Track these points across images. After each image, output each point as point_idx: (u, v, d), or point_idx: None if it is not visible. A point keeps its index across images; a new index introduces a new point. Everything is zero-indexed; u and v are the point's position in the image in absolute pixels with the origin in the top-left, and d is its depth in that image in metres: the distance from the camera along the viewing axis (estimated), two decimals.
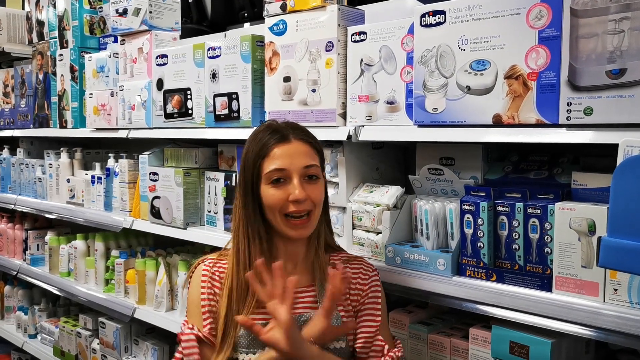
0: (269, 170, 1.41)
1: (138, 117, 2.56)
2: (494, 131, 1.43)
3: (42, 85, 3.30)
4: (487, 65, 1.43)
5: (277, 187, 1.41)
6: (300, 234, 1.43)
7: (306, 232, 1.44)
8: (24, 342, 3.47)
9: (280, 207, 1.41)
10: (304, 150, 1.43)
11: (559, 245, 1.36)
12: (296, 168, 1.41)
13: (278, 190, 1.41)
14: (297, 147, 1.43)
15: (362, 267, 1.54)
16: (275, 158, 1.41)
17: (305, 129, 1.50)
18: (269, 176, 1.41)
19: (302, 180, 1.41)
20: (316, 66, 1.83)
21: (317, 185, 1.44)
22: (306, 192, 1.40)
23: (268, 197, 1.41)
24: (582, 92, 1.27)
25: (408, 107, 1.64)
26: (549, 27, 1.33)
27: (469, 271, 1.52)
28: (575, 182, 1.42)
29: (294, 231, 1.42)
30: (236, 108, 2.10)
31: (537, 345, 1.39)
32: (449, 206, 1.60)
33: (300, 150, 1.43)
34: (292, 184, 1.40)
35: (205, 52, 2.21)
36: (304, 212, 1.41)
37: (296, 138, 1.44)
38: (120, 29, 2.63)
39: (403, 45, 1.65)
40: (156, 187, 2.44)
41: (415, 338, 1.68)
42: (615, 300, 1.28)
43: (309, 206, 1.42)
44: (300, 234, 1.43)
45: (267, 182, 1.41)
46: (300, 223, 1.42)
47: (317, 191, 1.43)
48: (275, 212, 1.41)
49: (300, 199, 1.39)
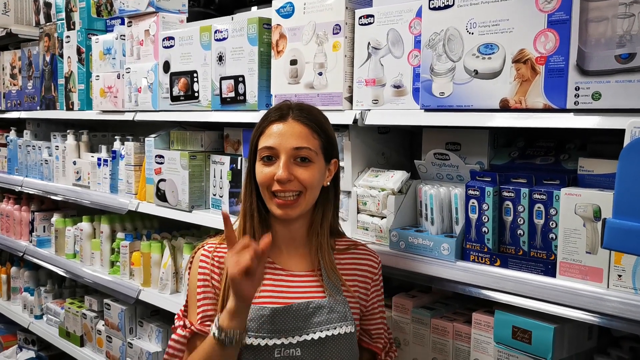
0: (260, 147, 1.43)
1: (144, 100, 2.56)
2: (501, 116, 1.42)
3: (49, 67, 3.30)
4: (495, 49, 1.42)
5: (267, 164, 1.42)
6: (285, 213, 1.40)
7: (292, 212, 1.41)
8: (30, 323, 3.51)
9: (267, 185, 1.41)
10: (298, 131, 1.41)
11: (563, 231, 1.36)
12: (285, 148, 1.39)
13: (267, 167, 1.41)
14: (292, 127, 1.41)
15: (371, 256, 1.55)
16: (268, 136, 1.42)
17: (313, 111, 1.47)
18: (260, 153, 1.43)
19: (290, 162, 1.40)
20: (323, 49, 1.82)
21: (308, 168, 1.41)
22: (294, 174, 1.39)
23: (258, 174, 1.43)
24: (590, 76, 1.26)
25: (415, 91, 1.64)
26: (559, 10, 1.32)
27: (473, 256, 1.52)
28: (582, 168, 1.41)
29: (279, 210, 1.41)
30: (242, 91, 2.10)
31: (539, 331, 1.39)
32: (454, 191, 1.60)
33: (295, 130, 1.41)
34: (278, 164, 1.40)
35: (212, 34, 2.21)
36: (289, 192, 1.40)
37: (295, 118, 1.42)
38: (127, 11, 2.62)
39: (411, 28, 1.63)
40: (162, 170, 2.45)
41: (418, 322, 1.68)
42: (619, 287, 1.28)
43: (296, 187, 1.40)
44: (286, 213, 1.40)
45: (259, 159, 1.43)
46: (284, 203, 1.40)
47: (306, 174, 1.40)
48: (264, 189, 1.43)
49: (282, 179, 1.38)
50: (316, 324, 1.40)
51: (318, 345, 1.39)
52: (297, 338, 1.39)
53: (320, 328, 1.40)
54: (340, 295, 1.45)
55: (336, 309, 1.43)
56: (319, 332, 1.39)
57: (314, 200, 1.46)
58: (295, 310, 1.40)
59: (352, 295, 1.49)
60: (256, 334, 1.38)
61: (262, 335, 1.38)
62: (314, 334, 1.39)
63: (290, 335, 1.38)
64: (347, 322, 1.43)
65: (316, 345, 1.39)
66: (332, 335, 1.40)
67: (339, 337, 1.41)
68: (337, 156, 1.51)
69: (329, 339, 1.40)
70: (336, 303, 1.44)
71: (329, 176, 1.49)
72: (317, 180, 1.43)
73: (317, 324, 1.40)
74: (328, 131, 1.47)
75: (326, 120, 1.50)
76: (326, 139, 1.46)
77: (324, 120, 1.48)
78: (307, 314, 1.40)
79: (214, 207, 2.35)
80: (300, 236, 1.50)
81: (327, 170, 1.48)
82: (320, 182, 1.45)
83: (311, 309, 1.41)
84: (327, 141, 1.46)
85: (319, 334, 1.39)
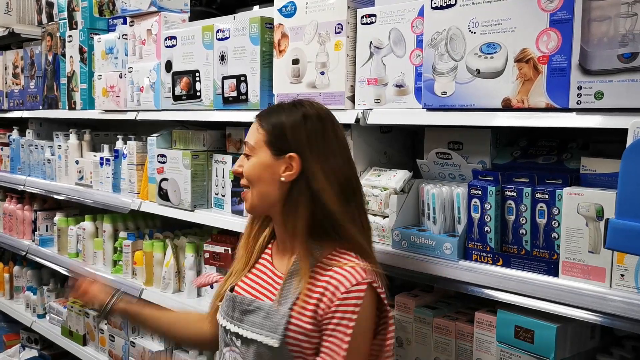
0: None
1: (146, 99, 2.56)
2: (503, 115, 1.42)
3: (51, 67, 3.30)
4: (497, 48, 1.42)
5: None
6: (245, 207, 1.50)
7: (247, 206, 1.48)
8: (33, 322, 3.52)
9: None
10: (251, 129, 1.48)
11: (566, 231, 1.36)
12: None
13: None
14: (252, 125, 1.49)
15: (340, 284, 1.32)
16: None
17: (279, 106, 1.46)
18: None
19: (243, 158, 1.48)
20: (325, 49, 1.82)
21: (249, 162, 1.45)
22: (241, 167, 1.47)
23: None
24: (593, 76, 1.26)
25: (417, 91, 1.64)
26: (561, 10, 1.31)
27: (476, 255, 1.52)
28: (584, 168, 1.41)
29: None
30: (244, 90, 2.10)
31: (542, 330, 1.39)
32: (457, 190, 1.60)
33: (250, 128, 1.48)
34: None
35: (214, 34, 2.21)
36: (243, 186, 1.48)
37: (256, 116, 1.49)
38: (129, 10, 2.62)
39: (413, 27, 1.63)
40: (164, 169, 2.45)
41: (420, 322, 1.68)
42: (622, 286, 1.27)
43: (244, 182, 1.47)
44: (245, 207, 1.50)
45: None
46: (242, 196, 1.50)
47: (245, 167, 1.45)
48: None
49: (234, 173, 1.51)
50: (250, 323, 1.41)
51: (249, 345, 1.40)
52: (235, 328, 1.44)
53: (251, 328, 1.40)
54: (286, 307, 1.35)
55: (271, 318, 1.36)
56: (249, 331, 1.40)
57: (264, 195, 1.41)
58: (239, 302, 1.45)
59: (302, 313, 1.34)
60: (220, 311, 1.51)
61: (221, 313, 1.50)
62: (246, 331, 1.41)
63: (232, 323, 1.45)
64: (274, 334, 1.34)
65: (246, 343, 1.41)
66: (257, 340, 1.37)
67: (261, 345, 1.36)
68: (302, 151, 1.37)
69: (253, 342, 1.38)
70: (275, 312, 1.36)
71: (287, 172, 1.38)
72: (254, 175, 1.42)
73: (251, 324, 1.41)
74: (278, 123, 1.39)
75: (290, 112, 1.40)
76: (273, 131, 1.40)
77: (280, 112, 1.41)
78: (247, 309, 1.43)
79: (216, 206, 2.35)
80: (285, 237, 1.46)
81: (283, 165, 1.38)
82: (261, 176, 1.40)
83: (252, 307, 1.42)
84: (274, 133, 1.39)
85: (249, 333, 1.40)
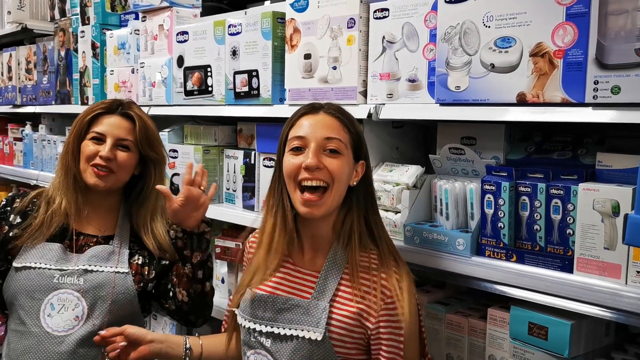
0: (290, 138, 1.42)
1: (158, 94, 2.57)
2: (518, 110, 1.41)
3: (63, 62, 3.32)
4: (512, 42, 1.40)
5: (295, 154, 1.40)
6: (310, 212, 1.37)
7: (318, 211, 1.37)
8: None
9: (294, 175, 1.39)
10: (329, 122, 1.41)
11: (581, 227, 1.34)
12: (315, 137, 1.38)
13: (295, 157, 1.40)
14: (322, 119, 1.41)
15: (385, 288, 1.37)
16: (298, 127, 1.42)
17: (342, 109, 1.46)
18: (289, 144, 1.42)
19: (320, 151, 1.38)
20: (337, 43, 1.81)
21: (337, 159, 1.38)
22: (323, 162, 1.37)
23: (286, 164, 1.41)
24: (609, 70, 1.24)
25: (430, 85, 1.62)
26: (577, 3, 1.30)
27: (489, 251, 1.51)
28: (600, 163, 1.39)
29: (304, 208, 1.38)
30: (256, 85, 2.09)
31: (556, 327, 1.38)
32: (470, 186, 1.59)
33: (326, 122, 1.41)
34: (307, 153, 1.38)
35: (226, 29, 2.20)
36: (317, 181, 1.36)
37: (326, 111, 1.43)
38: (141, 6, 2.63)
39: (426, 22, 1.62)
40: (176, 165, 2.45)
41: (432, 318, 1.68)
42: (638, 282, 1.26)
43: (324, 177, 1.37)
44: (311, 212, 1.37)
45: (289, 149, 1.42)
46: (311, 199, 1.36)
47: (335, 164, 1.37)
48: (290, 180, 1.40)
49: (311, 166, 1.35)
50: (287, 320, 1.40)
51: (284, 342, 1.39)
52: (267, 328, 1.41)
53: (289, 325, 1.39)
54: (324, 301, 1.38)
55: (312, 312, 1.38)
56: (287, 329, 1.39)
57: (339, 199, 1.42)
58: (271, 302, 1.42)
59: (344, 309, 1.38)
60: (242, 314, 1.47)
61: (244, 316, 1.46)
62: (282, 329, 1.39)
63: (263, 324, 1.42)
64: (317, 328, 1.36)
65: (284, 340, 1.39)
66: (298, 336, 1.37)
67: (304, 340, 1.37)
68: (366, 159, 1.47)
69: (294, 338, 1.38)
70: (315, 307, 1.38)
71: (356, 177, 1.44)
72: (345, 174, 1.40)
73: (288, 321, 1.40)
74: (358, 130, 1.46)
75: (356, 121, 1.48)
76: (356, 137, 1.44)
77: (354, 119, 1.47)
78: (281, 308, 1.41)
79: (227, 201, 2.35)
80: (323, 236, 1.46)
81: (354, 171, 1.44)
82: (347, 178, 1.42)
83: (288, 305, 1.41)
84: (357, 139, 1.45)
85: (287, 330, 1.39)
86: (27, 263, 1.66)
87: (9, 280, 1.68)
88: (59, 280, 1.65)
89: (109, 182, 1.71)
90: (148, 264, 1.75)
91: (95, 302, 1.65)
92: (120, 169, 1.71)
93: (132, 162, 1.74)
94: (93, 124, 1.74)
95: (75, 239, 1.72)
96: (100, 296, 1.66)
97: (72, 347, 1.62)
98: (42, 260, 1.67)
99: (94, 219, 1.77)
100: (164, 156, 1.83)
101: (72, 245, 1.71)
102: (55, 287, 1.64)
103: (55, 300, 1.63)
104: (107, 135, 1.71)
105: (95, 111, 1.74)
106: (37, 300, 1.64)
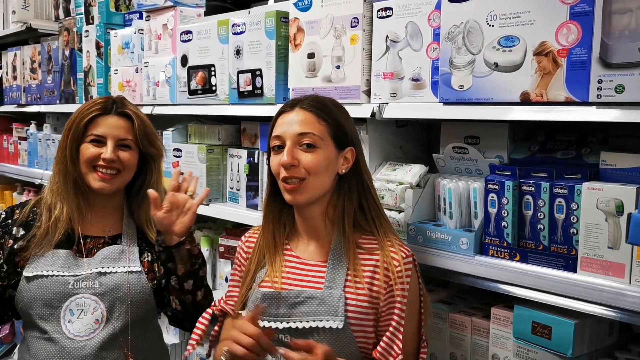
0: (272, 137, 1.47)
1: (162, 94, 2.58)
2: (522, 109, 1.41)
3: (68, 62, 3.33)
4: (516, 41, 1.40)
5: (277, 153, 1.45)
6: (294, 198, 1.42)
7: (300, 197, 1.42)
8: None
9: (277, 173, 1.44)
10: (302, 118, 1.43)
11: (585, 226, 1.34)
12: (289, 135, 1.42)
13: (276, 156, 1.45)
14: (297, 115, 1.44)
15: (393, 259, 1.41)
16: (278, 126, 1.46)
17: (323, 100, 1.47)
18: (271, 143, 1.47)
19: (295, 148, 1.42)
20: (341, 42, 1.81)
21: (312, 153, 1.41)
22: (298, 159, 1.41)
23: (271, 164, 1.47)
24: (613, 69, 1.24)
25: (433, 85, 1.62)
26: (581, 2, 1.30)
27: (492, 251, 1.51)
28: (604, 162, 1.39)
29: (288, 195, 1.43)
30: (260, 85, 2.10)
31: (560, 326, 1.38)
32: (473, 185, 1.58)
33: (300, 118, 1.43)
34: (283, 150, 1.43)
35: (230, 28, 2.21)
36: (295, 178, 1.41)
37: (301, 107, 1.45)
38: (145, 5, 2.63)
39: (430, 21, 1.62)
40: (179, 163, 2.46)
41: (436, 317, 1.68)
42: None
43: (300, 173, 1.41)
44: (294, 198, 1.42)
45: (272, 150, 1.47)
46: (291, 187, 1.42)
47: (309, 159, 1.40)
48: (277, 178, 1.45)
49: (285, 164, 1.40)
50: (303, 313, 1.41)
51: (304, 335, 1.39)
52: (284, 324, 1.41)
53: (307, 318, 1.40)
54: (338, 290, 1.41)
55: (328, 302, 1.40)
56: (305, 321, 1.40)
57: (323, 187, 1.44)
58: (284, 297, 1.43)
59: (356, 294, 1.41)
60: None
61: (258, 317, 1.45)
62: (300, 322, 1.40)
63: (278, 321, 1.42)
64: (336, 316, 1.38)
65: (303, 334, 1.40)
66: (317, 327, 1.39)
67: (324, 330, 1.38)
68: (355, 145, 1.48)
69: (314, 330, 1.39)
70: (330, 296, 1.40)
71: (345, 164, 1.46)
72: (322, 166, 1.42)
73: (305, 314, 1.40)
74: (337, 118, 1.46)
75: (339, 108, 1.49)
76: (335, 126, 1.45)
77: (333, 108, 1.47)
78: (295, 302, 1.41)
79: (231, 200, 2.35)
80: (318, 225, 1.48)
81: (342, 158, 1.46)
82: (327, 168, 1.43)
83: (301, 298, 1.41)
84: (337, 128, 1.45)
85: (305, 323, 1.40)
86: (38, 272, 1.66)
87: (22, 290, 1.67)
88: (74, 285, 1.65)
89: (115, 184, 1.71)
90: (156, 260, 1.75)
91: (113, 304, 1.66)
92: (125, 168, 1.71)
93: (135, 160, 1.74)
94: (90, 126, 1.71)
95: (82, 242, 1.72)
96: (117, 298, 1.66)
97: (95, 351, 1.62)
98: (54, 268, 1.66)
99: (97, 221, 1.77)
100: (162, 150, 1.83)
101: (81, 250, 1.71)
102: (71, 293, 1.65)
103: (73, 306, 1.64)
104: (107, 137, 1.70)
105: (91, 113, 1.71)
106: (55, 307, 1.64)
